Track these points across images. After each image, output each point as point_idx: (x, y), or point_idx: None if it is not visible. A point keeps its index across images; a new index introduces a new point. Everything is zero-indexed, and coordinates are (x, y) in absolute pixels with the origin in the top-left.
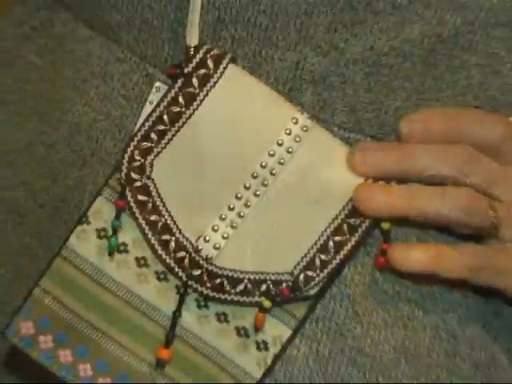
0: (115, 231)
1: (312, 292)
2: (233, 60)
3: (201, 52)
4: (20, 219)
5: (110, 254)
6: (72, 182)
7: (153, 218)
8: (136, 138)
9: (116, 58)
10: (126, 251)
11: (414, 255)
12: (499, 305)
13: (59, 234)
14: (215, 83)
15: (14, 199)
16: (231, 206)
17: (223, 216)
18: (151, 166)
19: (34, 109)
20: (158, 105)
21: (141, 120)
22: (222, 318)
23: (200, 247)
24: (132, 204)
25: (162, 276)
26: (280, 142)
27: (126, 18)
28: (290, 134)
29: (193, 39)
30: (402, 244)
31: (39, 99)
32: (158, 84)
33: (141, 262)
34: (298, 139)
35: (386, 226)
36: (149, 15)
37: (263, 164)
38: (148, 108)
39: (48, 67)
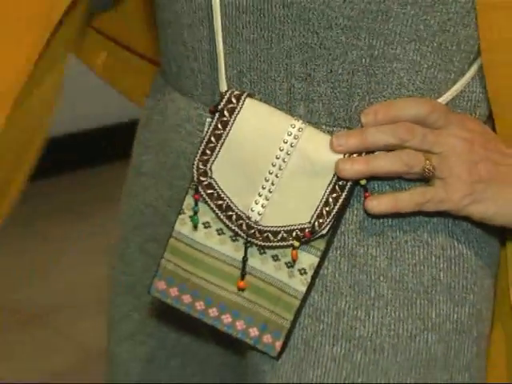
0: (195, 213)
1: (324, 231)
2: (249, 95)
3: (227, 93)
4: (162, 217)
5: (195, 227)
6: (181, 189)
7: (219, 202)
8: (198, 154)
9: (193, 108)
10: (210, 226)
11: (381, 202)
12: (457, 217)
13: None
14: (239, 112)
15: (157, 207)
16: (264, 186)
17: (260, 193)
18: (211, 170)
19: (157, 145)
20: (207, 131)
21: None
22: (275, 257)
23: (250, 216)
24: (205, 196)
25: (234, 238)
26: (285, 140)
27: (194, 84)
28: (290, 135)
29: (223, 87)
30: (372, 196)
31: (158, 141)
32: (209, 119)
33: (219, 232)
34: (296, 137)
35: (363, 182)
36: (204, 78)
37: (277, 156)
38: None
39: (162, 121)
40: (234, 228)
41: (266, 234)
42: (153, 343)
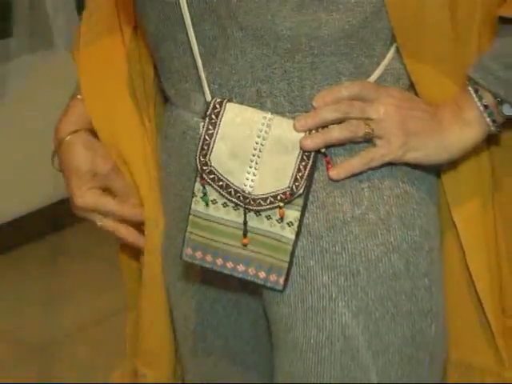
0: (205, 194)
1: (301, 191)
2: (229, 100)
3: (212, 102)
4: (187, 202)
5: (207, 205)
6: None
7: (220, 183)
8: (198, 150)
9: (191, 118)
10: (217, 202)
11: (340, 171)
12: (399, 164)
13: None
14: (223, 114)
15: (183, 195)
16: (250, 166)
17: (248, 171)
18: (210, 160)
19: (174, 150)
20: (202, 132)
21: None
22: (268, 217)
23: (244, 189)
24: (208, 180)
25: (235, 208)
26: (261, 129)
27: (189, 100)
28: (264, 124)
29: (208, 98)
30: (332, 167)
31: (174, 147)
32: (202, 123)
33: (224, 205)
34: (268, 126)
35: (323, 150)
36: (195, 94)
37: (256, 142)
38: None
39: (174, 132)
40: (234, 200)
41: (258, 201)
42: (199, 295)
